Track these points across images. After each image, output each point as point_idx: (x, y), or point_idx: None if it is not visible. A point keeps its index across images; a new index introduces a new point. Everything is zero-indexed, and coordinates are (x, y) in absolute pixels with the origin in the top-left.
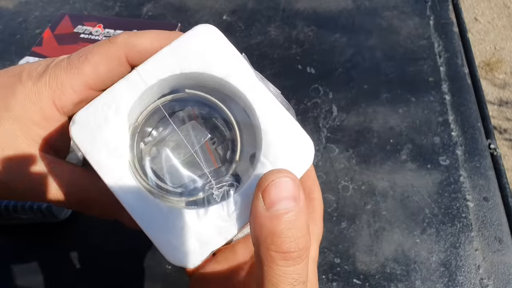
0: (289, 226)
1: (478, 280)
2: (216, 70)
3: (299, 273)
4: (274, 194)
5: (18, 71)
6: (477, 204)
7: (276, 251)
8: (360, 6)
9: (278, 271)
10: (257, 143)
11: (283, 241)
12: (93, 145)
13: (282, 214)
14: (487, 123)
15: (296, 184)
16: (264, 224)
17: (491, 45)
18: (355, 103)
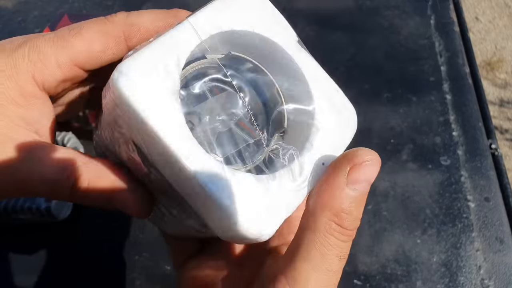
0: (357, 206)
1: (479, 280)
2: (265, 31)
3: (346, 250)
4: (362, 174)
5: None
6: (478, 204)
7: (338, 224)
8: (361, 6)
9: (332, 242)
10: (305, 110)
11: (348, 217)
12: (154, 101)
13: (358, 194)
14: (488, 123)
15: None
16: (337, 196)
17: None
18: (356, 102)
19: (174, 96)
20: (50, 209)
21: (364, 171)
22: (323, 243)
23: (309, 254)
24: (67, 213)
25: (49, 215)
